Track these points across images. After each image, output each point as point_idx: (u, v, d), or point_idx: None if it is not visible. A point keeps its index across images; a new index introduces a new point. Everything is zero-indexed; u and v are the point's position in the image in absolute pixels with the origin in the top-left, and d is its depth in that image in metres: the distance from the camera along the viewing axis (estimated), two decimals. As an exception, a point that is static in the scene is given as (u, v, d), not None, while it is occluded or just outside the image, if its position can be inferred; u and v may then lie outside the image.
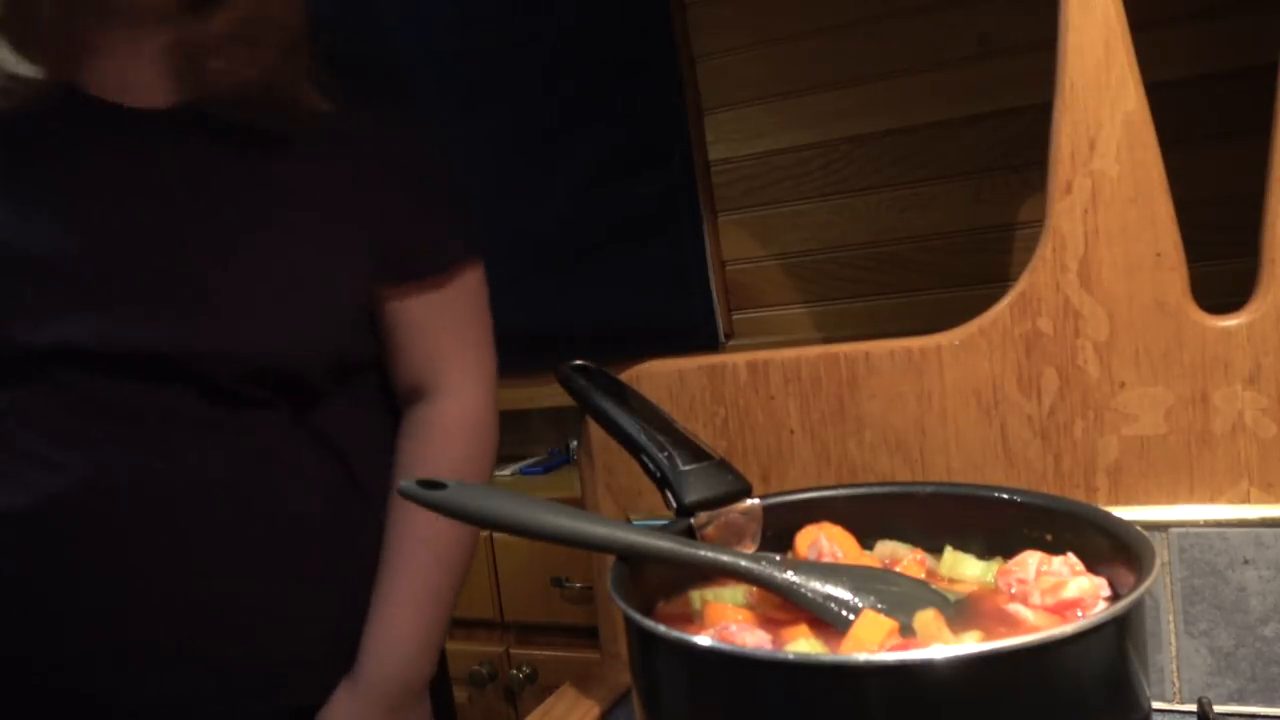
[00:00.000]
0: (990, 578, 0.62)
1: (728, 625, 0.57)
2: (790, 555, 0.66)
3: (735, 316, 1.80)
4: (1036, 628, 0.54)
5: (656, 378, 0.85)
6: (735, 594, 0.63)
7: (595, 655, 0.93)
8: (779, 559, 0.60)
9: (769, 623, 0.58)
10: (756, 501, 0.68)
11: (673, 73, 1.77)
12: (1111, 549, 0.57)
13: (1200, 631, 0.68)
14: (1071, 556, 0.59)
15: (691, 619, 0.62)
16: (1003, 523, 0.65)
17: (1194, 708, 0.67)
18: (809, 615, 0.57)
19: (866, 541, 0.67)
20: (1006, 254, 1.54)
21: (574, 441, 1.69)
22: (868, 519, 0.68)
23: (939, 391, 0.76)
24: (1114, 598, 0.56)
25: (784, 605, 0.58)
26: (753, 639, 0.55)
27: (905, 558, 0.65)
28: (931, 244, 1.59)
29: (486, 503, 0.58)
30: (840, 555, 0.64)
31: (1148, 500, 0.71)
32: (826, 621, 0.56)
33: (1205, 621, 0.68)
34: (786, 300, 1.74)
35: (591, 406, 0.74)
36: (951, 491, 0.69)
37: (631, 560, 0.60)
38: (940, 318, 0.78)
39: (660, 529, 0.63)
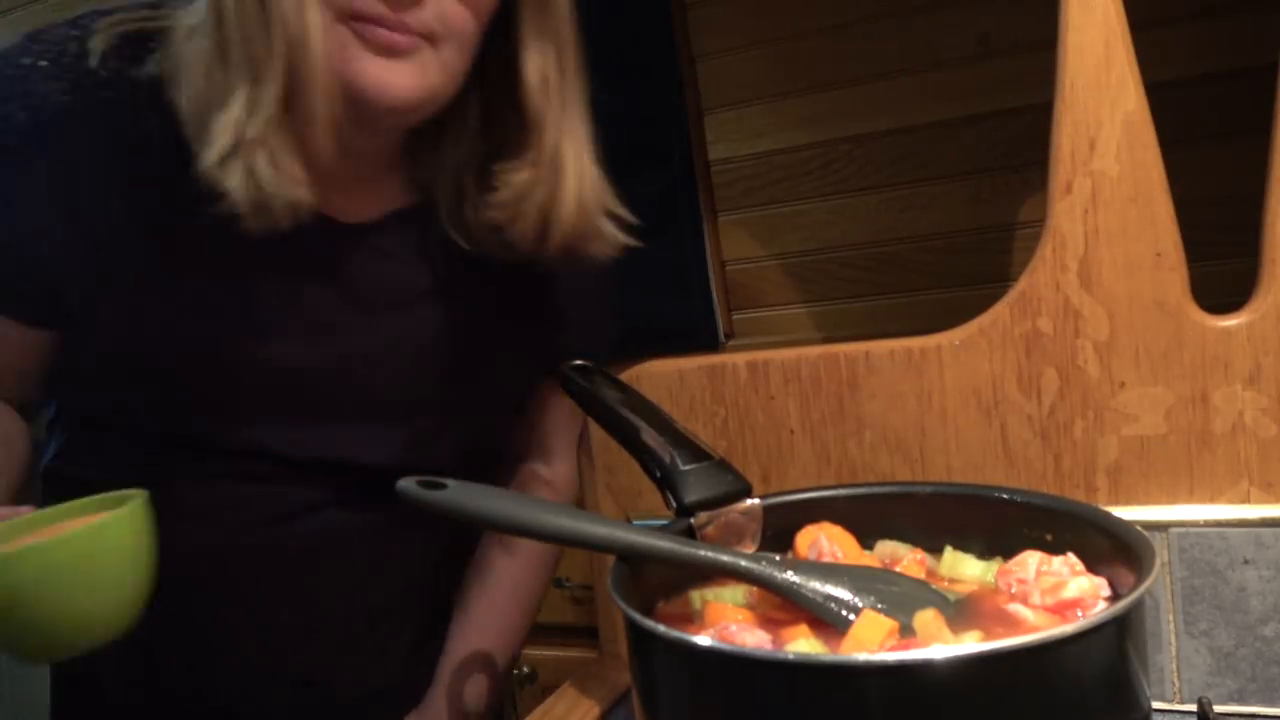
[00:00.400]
0: (990, 578, 0.62)
1: (728, 625, 0.57)
2: (790, 555, 0.66)
3: (735, 316, 1.79)
4: (1036, 628, 0.55)
5: (656, 377, 0.85)
6: (735, 594, 0.63)
7: (595, 655, 0.93)
8: (779, 559, 0.60)
9: (769, 623, 0.58)
10: (756, 501, 0.68)
11: (673, 73, 1.76)
12: (1111, 549, 0.57)
13: (1200, 631, 0.68)
14: (1071, 556, 0.59)
15: (691, 619, 0.62)
16: (1003, 523, 0.65)
17: (1194, 708, 0.67)
18: (809, 615, 0.57)
19: (866, 541, 0.67)
20: (1006, 254, 1.54)
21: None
22: (868, 519, 0.68)
23: (939, 391, 0.76)
24: (1114, 598, 0.56)
25: (784, 605, 0.58)
26: (753, 639, 0.55)
27: (905, 558, 0.66)
28: (931, 244, 1.59)
29: (486, 503, 0.58)
30: (840, 555, 0.64)
31: (1148, 500, 0.71)
32: (826, 621, 0.56)
33: (1205, 621, 0.68)
34: (786, 300, 1.74)
35: (592, 406, 0.74)
36: (951, 491, 0.69)
37: (631, 560, 0.60)
38: (940, 318, 0.78)
39: (660, 529, 0.63)
